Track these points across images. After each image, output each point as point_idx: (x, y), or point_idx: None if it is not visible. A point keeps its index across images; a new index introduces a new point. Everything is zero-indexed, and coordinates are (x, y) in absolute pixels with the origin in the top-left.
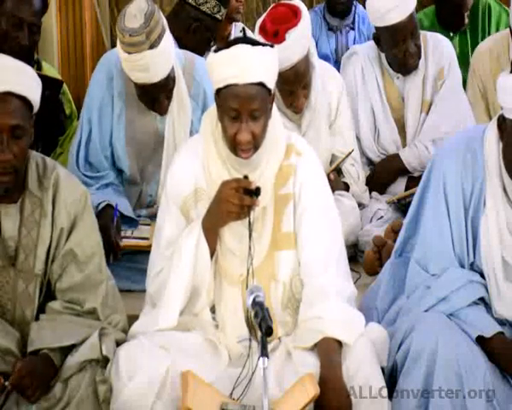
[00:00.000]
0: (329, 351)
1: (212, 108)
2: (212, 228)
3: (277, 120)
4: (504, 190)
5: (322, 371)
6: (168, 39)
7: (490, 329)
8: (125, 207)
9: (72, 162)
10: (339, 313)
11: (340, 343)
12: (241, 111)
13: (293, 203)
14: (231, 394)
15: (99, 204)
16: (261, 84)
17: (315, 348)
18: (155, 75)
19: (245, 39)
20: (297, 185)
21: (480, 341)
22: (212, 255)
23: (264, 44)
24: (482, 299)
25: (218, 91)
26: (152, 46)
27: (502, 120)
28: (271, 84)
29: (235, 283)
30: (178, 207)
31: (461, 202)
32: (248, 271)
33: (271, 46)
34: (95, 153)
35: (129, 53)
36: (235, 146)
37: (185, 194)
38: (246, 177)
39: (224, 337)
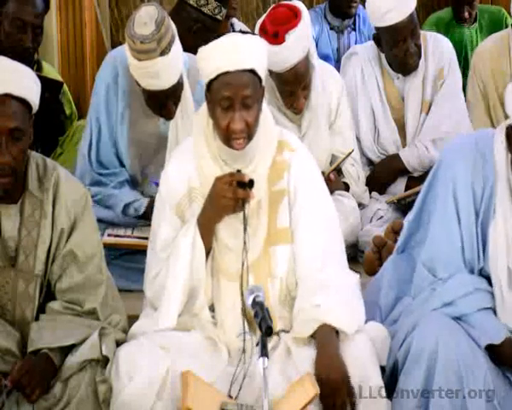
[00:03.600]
0: (325, 336)
1: (202, 108)
2: (207, 225)
3: (268, 115)
4: None
5: (317, 354)
6: (178, 45)
7: (498, 336)
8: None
9: (85, 162)
10: (337, 303)
11: (338, 334)
12: (233, 99)
13: (288, 199)
14: (230, 390)
15: (135, 206)
16: (252, 72)
17: (315, 341)
18: (166, 82)
19: (234, 32)
20: (291, 181)
21: (490, 347)
22: (208, 253)
23: (253, 34)
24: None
25: (210, 85)
26: (162, 53)
27: (510, 130)
28: (262, 72)
29: (233, 278)
30: (173, 209)
31: (471, 206)
32: (243, 264)
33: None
34: (105, 152)
35: (139, 60)
36: (228, 137)
37: (179, 195)
38: (239, 171)
39: (223, 334)
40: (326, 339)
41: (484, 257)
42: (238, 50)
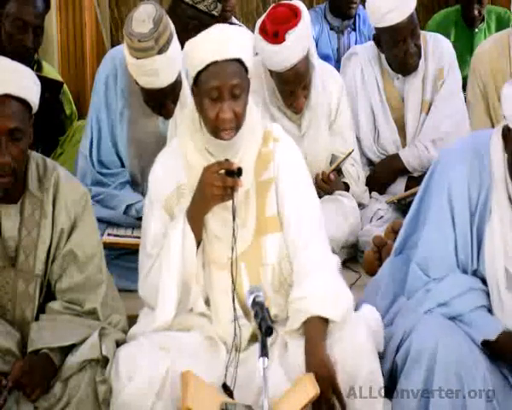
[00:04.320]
0: (312, 328)
1: (187, 106)
2: (197, 216)
3: (253, 107)
4: (510, 200)
5: (305, 347)
6: (176, 44)
7: (493, 331)
8: None
9: (86, 162)
10: (322, 291)
11: (327, 321)
12: (222, 89)
13: (275, 187)
14: (225, 376)
15: (137, 207)
16: (239, 62)
17: None
18: (164, 80)
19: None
20: (276, 170)
21: (486, 343)
22: (198, 244)
23: (239, 25)
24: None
25: (197, 77)
26: (160, 51)
27: (506, 131)
28: (249, 63)
29: (224, 268)
30: (162, 207)
31: (467, 208)
32: (233, 249)
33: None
34: (106, 152)
35: (137, 58)
36: (217, 128)
37: (167, 193)
38: (227, 160)
39: (218, 325)
40: (313, 335)
41: (478, 259)
42: (225, 40)
